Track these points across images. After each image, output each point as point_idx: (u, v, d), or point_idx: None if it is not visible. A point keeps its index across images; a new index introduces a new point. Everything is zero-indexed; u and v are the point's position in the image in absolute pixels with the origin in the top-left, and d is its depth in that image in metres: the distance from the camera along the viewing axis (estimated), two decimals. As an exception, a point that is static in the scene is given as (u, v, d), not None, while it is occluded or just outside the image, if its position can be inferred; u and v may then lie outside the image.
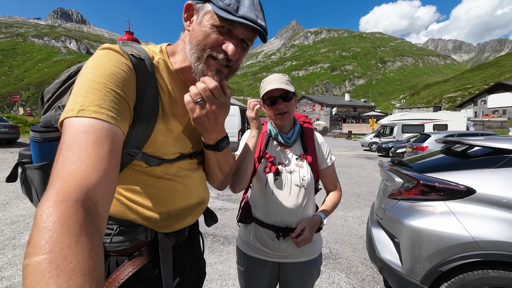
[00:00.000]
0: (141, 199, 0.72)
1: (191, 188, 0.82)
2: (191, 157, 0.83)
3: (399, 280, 1.75)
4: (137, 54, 0.67)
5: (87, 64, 0.60)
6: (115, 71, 0.58)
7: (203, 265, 1.01)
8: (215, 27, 0.66)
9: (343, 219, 4.29)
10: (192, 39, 0.69)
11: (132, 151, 0.68)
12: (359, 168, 9.79)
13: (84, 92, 0.53)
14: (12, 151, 10.91)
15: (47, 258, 0.33)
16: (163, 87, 0.72)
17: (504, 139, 1.98)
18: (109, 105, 0.53)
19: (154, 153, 0.72)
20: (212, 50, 0.68)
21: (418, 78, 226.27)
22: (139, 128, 0.67)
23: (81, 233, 0.37)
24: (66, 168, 0.44)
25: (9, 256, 2.73)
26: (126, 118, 0.59)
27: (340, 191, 1.28)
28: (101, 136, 0.49)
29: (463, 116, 16.83)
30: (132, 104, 0.63)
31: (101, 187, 0.45)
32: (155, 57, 0.72)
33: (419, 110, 53.00)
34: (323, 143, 1.26)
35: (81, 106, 0.51)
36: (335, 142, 27.43)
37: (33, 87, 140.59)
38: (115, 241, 0.71)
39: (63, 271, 0.33)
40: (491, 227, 1.54)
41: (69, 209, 0.38)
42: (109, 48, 0.63)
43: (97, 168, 0.45)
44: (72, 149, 0.46)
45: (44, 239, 0.35)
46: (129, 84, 0.61)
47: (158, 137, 0.71)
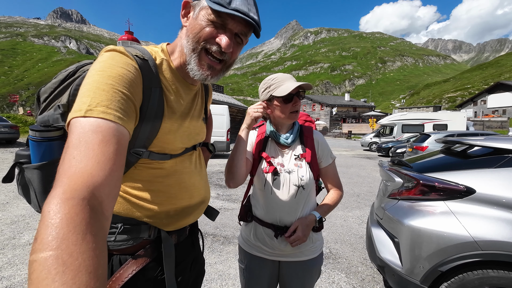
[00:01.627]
0: (150, 196, 0.73)
1: (198, 186, 0.85)
2: (194, 148, 0.86)
3: (399, 280, 1.75)
4: (141, 55, 0.68)
5: (94, 66, 0.61)
6: (122, 72, 0.60)
7: (202, 263, 1.02)
8: (210, 22, 0.68)
9: (343, 219, 4.29)
10: (189, 33, 0.71)
11: (140, 150, 0.70)
12: (359, 168, 9.79)
13: (91, 93, 0.54)
14: (12, 151, 10.90)
15: (53, 255, 0.33)
16: (167, 87, 0.74)
17: (504, 139, 1.98)
18: (116, 106, 0.55)
19: (161, 151, 0.73)
20: (206, 43, 0.70)
21: (418, 78, 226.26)
22: (146, 128, 0.68)
23: (87, 230, 0.37)
24: (73, 166, 0.44)
25: (9, 256, 2.73)
26: (132, 119, 0.61)
27: (341, 191, 1.26)
28: (108, 136, 0.50)
29: (463, 116, 16.83)
30: (139, 104, 0.65)
31: (107, 186, 0.46)
32: (158, 58, 0.74)
33: (419, 110, 53.02)
34: (322, 142, 1.24)
35: (89, 106, 0.52)
36: (335, 142, 27.44)
37: (33, 87, 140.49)
38: (118, 240, 0.71)
39: (69, 268, 0.33)
40: (491, 227, 1.54)
41: (76, 207, 0.39)
42: (115, 50, 0.64)
43: (103, 167, 0.46)
44: (79, 148, 0.47)
45: (51, 235, 0.35)
46: (136, 85, 0.63)
47: (165, 135, 0.73)
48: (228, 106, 10.51)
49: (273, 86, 1.12)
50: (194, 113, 0.85)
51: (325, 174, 1.24)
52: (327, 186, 1.27)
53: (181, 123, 0.78)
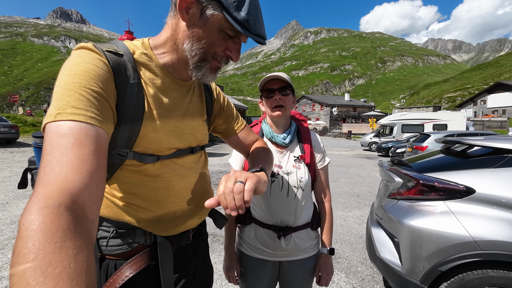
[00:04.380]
0: (136, 200, 0.70)
1: (192, 189, 0.79)
2: (193, 152, 0.80)
3: (398, 279, 1.75)
4: (115, 50, 0.65)
5: (63, 66, 0.58)
6: (89, 68, 0.56)
7: (209, 271, 0.97)
8: (223, 32, 0.65)
9: (343, 218, 4.29)
10: (195, 38, 0.65)
11: (122, 151, 0.66)
12: (359, 168, 9.78)
13: (59, 95, 0.51)
14: (12, 150, 10.90)
15: (31, 266, 0.32)
16: (148, 82, 0.69)
17: (503, 139, 1.98)
18: (86, 105, 0.52)
19: (146, 151, 0.69)
20: (216, 54, 0.68)
21: (417, 78, 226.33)
22: (125, 127, 0.65)
23: (65, 237, 0.36)
24: (48, 174, 0.43)
25: (9, 256, 2.73)
26: (108, 116, 0.57)
27: (329, 199, 1.23)
28: (81, 137, 0.48)
29: (463, 116, 16.81)
30: (113, 101, 0.61)
31: (86, 189, 0.44)
32: (137, 52, 0.69)
33: (418, 110, 52.98)
34: (319, 144, 1.23)
35: (58, 109, 0.49)
36: (335, 142, 27.44)
37: (32, 86, 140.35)
38: (112, 244, 0.70)
39: (49, 278, 0.32)
40: (490, 227, 1.54)
41: (51, 215, 0.37)
42: (83, 47, 0.61)
43: (79, 170, 0.44)
44: (52, 153, 0.45)
45: (27, 247, 0.34)
46: (106, 80, 0.58)
47: (148, 134, 0.68)
48: None
49: (261, 82, 1.15)
50: (186, 111, 0.78)
51: (317, 176, 1.21)
52: (316, 190, 1.24)
53: (167, 121, 0.72)
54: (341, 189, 6.35)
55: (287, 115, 1.16)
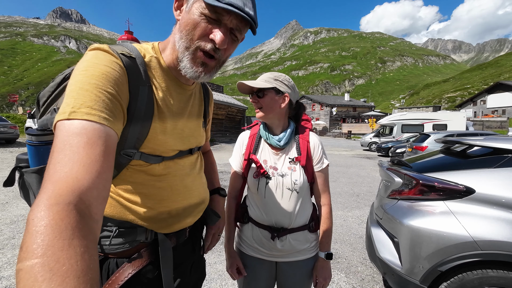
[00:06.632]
0: (141, 199, 0.72)
1: (192, 188, 0.82)
2: (191, 153, 0.84)
3: (398, 279, 1.75)
4: (128, 53, 0.66)
5: (78, 66, 0.59)
6: (106, 70, 0.57)
7: (203, 266, 1.01)
8: (203, 15, 0.65)
9: (343, 218, 4.29)
10: (182, 28, 0.67)
11: (130, 151, 0.68)
12: (359, 168, 9.78)
13: (75, 94, 0.52)
14: (12, 150, 10.89)
15: (39, 262, 0.33)
16: (157, 85, 0.71)
17: (503, 139, 1.98)
18: (101, 106, 0.53)
19: (153, 152, 0.71)
20: (200, 41, 0.66)
21: (417, 78, 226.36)
22: (135, 128, 0.66)
23: (73, 235, 0.37)
24: (58, 171, 0.43)
25: (8, 256, 2.73)
26: (119, 118, 0.58)
27: (329, 202, 1.19)
28: (93, 138, 0.49)
29: (463, 116, 16.82)
30: (125, 103, 0.62)
31: (94, 189, 0.44)
32: (147, 55, 0.71)
33: (418, 110, 53.00)
34: (317, 145, 1.17)
35: (72, 108, 0.50)
36: (334, 142, 27.45)
37: (32, 86, 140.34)
38: (114, 243, 0.70)
39: (56, 274, 0.32)
40: (490, 227, 1.54)
41: (60, 212, 0.38)
42: (99, 48, 0.62)
43: (89, 170, 0.45)
44: (64, 151, 0.46)
45: (36, 243, 0.34)
46: (121, 83, 0.60)
47: (156, 136, 0.70)
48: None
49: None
50: (189, 115, 0.82)
51: (315, 179, 1.18)
52: (314, 193, 1.21)
53: (174, 124, 0.75)
54: (341, 189, 6.35)
55: (270, 115, 1.12)
